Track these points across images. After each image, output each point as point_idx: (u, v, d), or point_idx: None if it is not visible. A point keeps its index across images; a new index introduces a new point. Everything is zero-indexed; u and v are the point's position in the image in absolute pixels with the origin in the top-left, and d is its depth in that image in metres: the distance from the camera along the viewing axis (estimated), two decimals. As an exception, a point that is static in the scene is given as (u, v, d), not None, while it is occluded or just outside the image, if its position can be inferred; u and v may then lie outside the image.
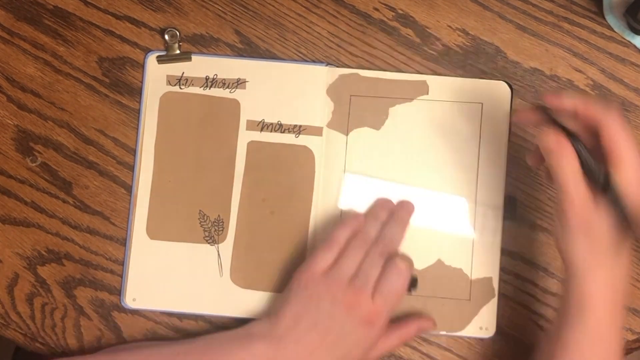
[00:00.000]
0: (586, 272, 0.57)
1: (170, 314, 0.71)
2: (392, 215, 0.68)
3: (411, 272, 0.65)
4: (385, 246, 0.66)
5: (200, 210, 0.71)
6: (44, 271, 0.72)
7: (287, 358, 0.62)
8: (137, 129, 0.72)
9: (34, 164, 0.72)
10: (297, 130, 0.71)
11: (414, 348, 0.70)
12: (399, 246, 0.67)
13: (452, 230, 0.70)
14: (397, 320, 0.68)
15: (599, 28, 0.71)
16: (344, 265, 0.64)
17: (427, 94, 0.71)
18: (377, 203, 0.69)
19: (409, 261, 0.66)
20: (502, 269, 0.70)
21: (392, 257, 0.65)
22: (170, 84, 0.72)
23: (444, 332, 0.69)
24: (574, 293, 0.58)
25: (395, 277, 0.64)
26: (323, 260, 0.65)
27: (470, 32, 0.72)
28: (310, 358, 0.62)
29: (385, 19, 0.72)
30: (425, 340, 0.70)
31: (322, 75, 0.71)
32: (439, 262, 0.70)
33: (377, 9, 0.72)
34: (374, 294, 0.63)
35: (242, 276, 0.70)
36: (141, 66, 0.72)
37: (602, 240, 0.56)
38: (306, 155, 0.71)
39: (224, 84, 0.72)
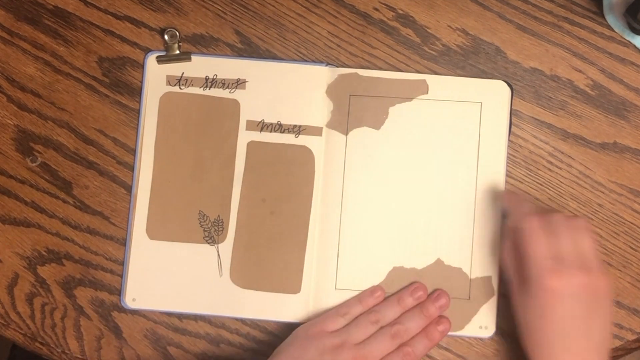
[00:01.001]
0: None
1: (170, 314, 0.71)
2: (420, 305, 0.67)
3: None
4: (398, 331, 0.65)
5: (200, 211, 0.71)
6: (44, 271, 0.72)
7: None
8: (137, 129, 0.72)
9: (34, 164, 0.72)
10: (297, 130, 0.71)
11: (414, 348, 0.70)
12: (410, 336, 0.66)
13: (452, 229, 0.70)
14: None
15: (599, 28, 0.71)
16: (353, 332, 0.65)
17: (427, 93, 0.71)
18: (408, 289, 0.69)
19: (419, 356, 0.66)
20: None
21: (405, 344, 0.65)
22: (170, 84, 0.72)
23: (443, 332, 0.69)
24: None
25: None
26: (333, 323, 0.66)
27: (470, 32, 0.72)
28: None
29: (385, 19, 0.72)
30: (425, 340, 0.70)
31: (321, 75, 0.71)
32: (439, 262, 0.70)
33: (377, 9, 0.72)
34: None
35: (242, 276, 0.70)
36: (141, 66, 0.72)
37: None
38: (306, 155, 0.71)
39: (224, 84, 0.72)
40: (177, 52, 0.72)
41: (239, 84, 0.72)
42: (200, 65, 0.72)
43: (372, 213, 0.70)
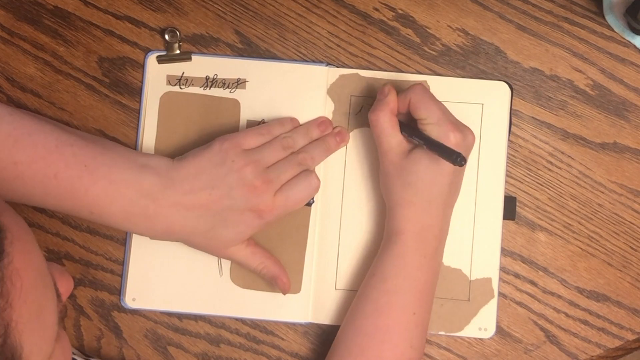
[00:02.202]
0: (398, 209, 0.65)
1: (170, 314, 0.71)
2: (323, 137, 0.70)
3: (317, 191, 0.68)
4: (304, 159, 0.67)
5: (200, 210, 0.71)
6: (44, 271, 0.71)
7: (166, 204, 0.63)
8: (137, 129, 0.72)
9: (34, 164, 0.72)
10: (297, 130, 0.71)
11: (414, 348, 0.70)
12: (315, 165, 0.69)
13: (452, 230, 0.69)
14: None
15: (599, 28, 0.71)
16: (265, 154, 0.66)
17: (427, 94, 0.71)
18: (315, 120, 0.70)
19: (319, 181, 0.68)
20: (502, 269, 0.70)
21: (308, 170, 0.67)
22: (170, 84, 0.72)
23: (443, 333, 0.69)
24: (388, 227, 0.66)
25: (303, 187, 0.66)
26: (251, 140, 0.66)
27: (470, 32, 0.72)
28: (186, 214, 0.64)
29: (385, 19, 0.72)
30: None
31: (322, 75, 0.71)
32: (439, 262, 0.70)
33: (377, 9, 0.72)
34: (278, 192, 0.65)
35: (242, 276, 0.70)
36: (141, 66, 0.72)
37: (415, 183, 0.63)
38: (306, 155, 0.71)
39: (224, 84, 0.72)
40: (178, 51, 0.72)
41: (239, 83, 0.72)
42: (201, 65, 0.72)
43: (372, 213, 0.70)
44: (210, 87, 0.72)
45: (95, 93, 0.73)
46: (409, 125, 0.65)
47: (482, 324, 0.69)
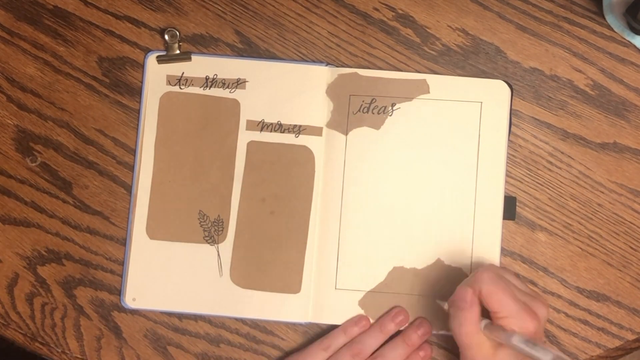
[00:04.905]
0: None
1: (170, 314, 0.71)
2: (402, 334, 0.67)
3: None
4: None
5: (200, 210, 0.71)
6: (44, 271, 0.72)
7: None
8: (137, 129, 0.72)
9: (34, 164, 0.72)
10: (297, 130, 0.71)
11: (414, 348, 0.70)
12: None
13: (452, 230, 0.70)
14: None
15: (599, 28, 0.71)
16: None
17: (427, 93, 0.71)
18: (389, 313, 0.67)
19: None
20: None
21: None
22: (170, 84, 0.72)
23: (443, 332, 0.69)
24: None
25: None
26: (314, 357, 0.65)
27: (470, 32, 0.72)
28: None
29: (385, 18, 0.72)
30: (425, 340, 0.70)
31: (321, 75, 0.71)
32: (439, 262, 0.70)
33: (377, 9, 0.72)
34: None
35: (242, 276, 0.70)
36: (141, 66, 0.72)
37: None
38: (306, 155, 0.71)
39: (224, 84, 0.72)
40: (178, 51, 0.72)
41: (239, 83, 0.72)
42: (201, 65, 0.72)
43: (372, 213, 0.70)
44: (210, 87, 0.72)
45: (95, 93, 0.73)
46: (490, 324, 0.61)
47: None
